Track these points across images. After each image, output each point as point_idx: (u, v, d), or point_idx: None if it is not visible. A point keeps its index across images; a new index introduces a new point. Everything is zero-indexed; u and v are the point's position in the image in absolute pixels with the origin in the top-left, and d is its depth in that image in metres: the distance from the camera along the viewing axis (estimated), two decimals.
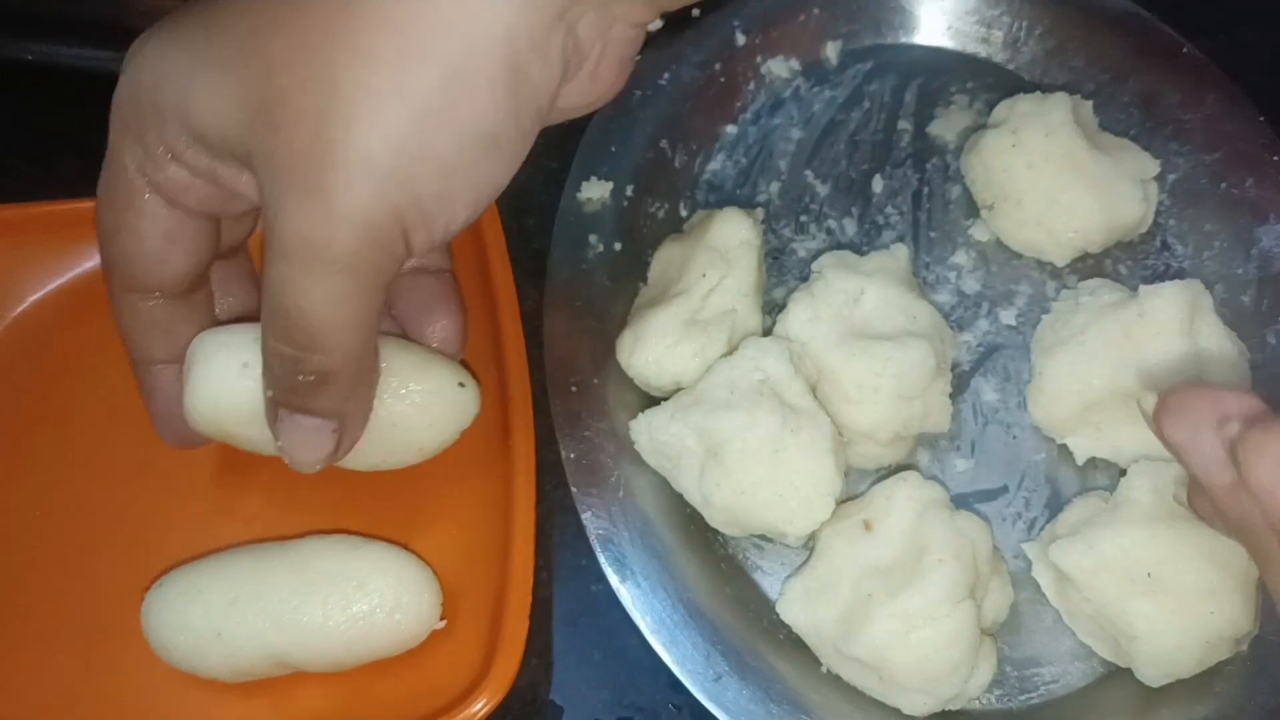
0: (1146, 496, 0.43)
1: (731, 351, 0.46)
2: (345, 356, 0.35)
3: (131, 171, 0.37)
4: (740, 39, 0.56)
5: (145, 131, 0.35)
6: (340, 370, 0.35)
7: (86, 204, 0.52)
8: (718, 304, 0.47)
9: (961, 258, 0.53)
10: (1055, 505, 0.48)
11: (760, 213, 0.53)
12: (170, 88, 0.34)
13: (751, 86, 0.56)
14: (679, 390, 0.46)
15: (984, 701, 0.44)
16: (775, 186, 0.55)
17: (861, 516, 0.44)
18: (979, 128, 0.53)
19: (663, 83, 0.54)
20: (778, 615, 0.44)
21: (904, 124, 0.56)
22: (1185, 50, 0.54)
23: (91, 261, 0.52)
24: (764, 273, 0.51)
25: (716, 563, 0.46)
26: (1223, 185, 0.53)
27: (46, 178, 0.56)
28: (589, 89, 0.36)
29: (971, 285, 0.52)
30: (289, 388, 0.36)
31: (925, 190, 0.55)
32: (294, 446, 0.38)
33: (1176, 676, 0.42)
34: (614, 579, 0.43)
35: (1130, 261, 0.53)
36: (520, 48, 0.32)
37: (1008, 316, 0.52)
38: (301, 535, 0.45)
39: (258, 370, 0.38)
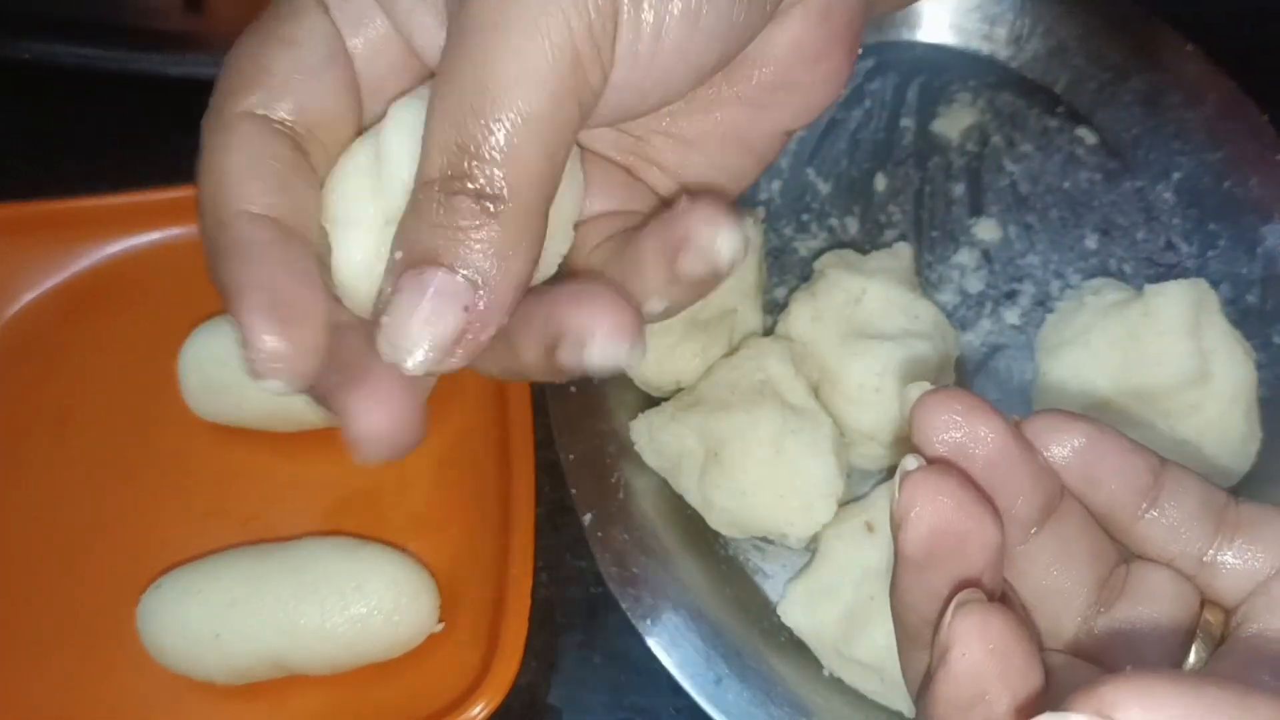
0: None
1: (732, 351, 0.46)
2: (525, 169, 0.25)
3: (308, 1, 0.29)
4: None
5: None
6: (515, 190, 0.25)
7: (86, 203, 0.53)
8: (719, 304, 0.47)
9: (964, 257, 0.52)
10: None
11: (761, 212, 0.53)
12: None
13: None
14: (679, 390, 0.46)
15: None
16: (776, 185, 0.54)
17: (864, 518, 0.44)
18: (981, 125, 0.53)
19: None
20: (779, 617, 0.44)
21: (906, 122, 0.56)
22: (1188, 49, 0.54)
23: (89, 260, 0.52)
24: (765, 272, 0.50)
25: (717, 565, 0.46)
26: (1226, 184, 0.52)
27: (46, 178, 0.56)
28: (814, 29, 0.31)
29: (974, 284, 0.52)
30: (444, 211, 0.25)
31: (927, 189, 0.54)
32: (409, 318, 0.25)
33: None
34: (614, 581, 0.43)
35: (1134, 261, 0.52)
36: None
37: (1011, 316, 0.51)
38: (299, 537, 0.45)
39: None
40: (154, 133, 0.58)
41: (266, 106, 0.28)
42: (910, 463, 0.24)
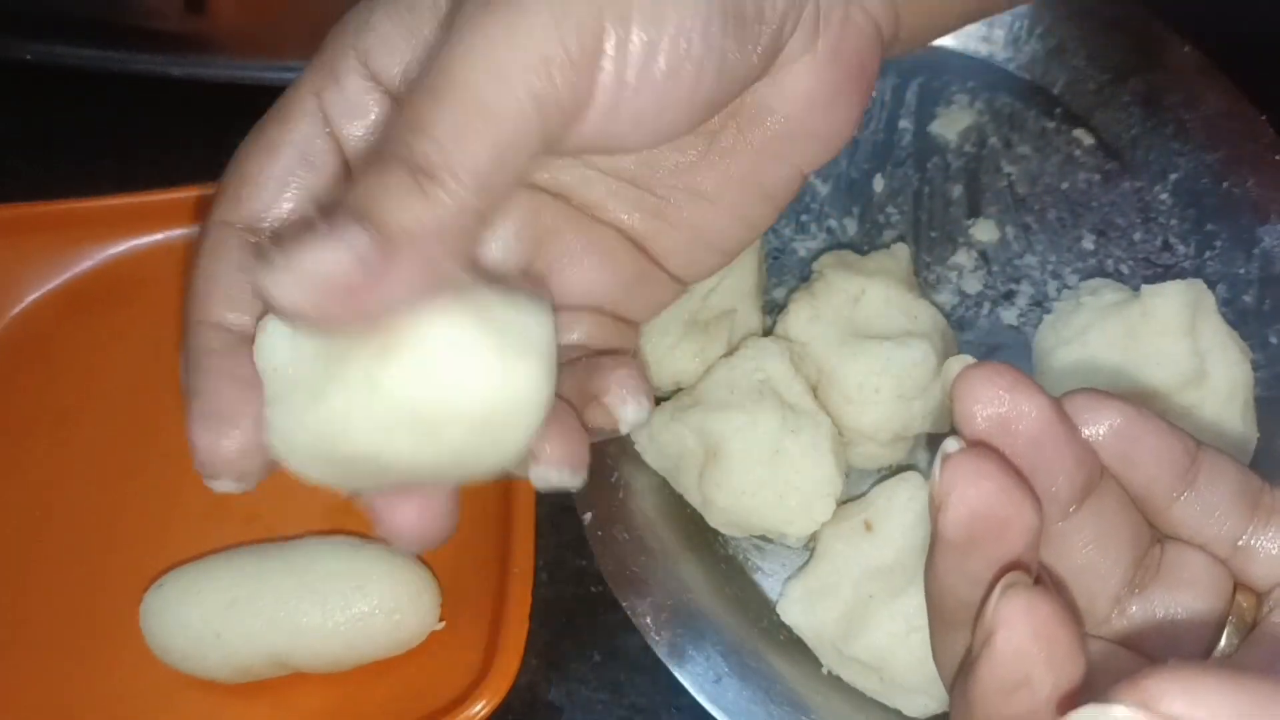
0: None
1: (731, 352, 0.46)
2: (467, 159, 0.25)
3: (302, 92, 0.31)
4: None
5: (340, 54, 0.30)
6: (451, 175, 0.25)
7: (86, 204, 0.53)
8: (718, 304, 0.47)
9: (962, 257, 0.53)
10: None
11: None
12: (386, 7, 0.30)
13: None
14: (679, 391, 0.46)
15: None
16: None
17: (862, 517, 0.44)
18: (979, 126, 0.53)
19: None
20: (778, 616, 0.44)
21: (905, 123, 0.56)
22: (1186, 49, 0.54)
23: (90, 261, 0.52)
24: (764, 272, 0.50)
25: (717, 563, 0.46)
26: (1224, 184, 0.52)
27: (46, 178, 0.56)
28: (824, 75, 0.31)
29: (973, 285, 0.52)
30: (374, 174, 0.26)
31: (926, 190, 0.54)
32: (301, 249, 0.25)
33: None
34: (613, 581, 0.43)
35: (1132, 261, 0.52)
36: None
37: (1009, 316, 0.51)
38: (301, 536, 0.45)
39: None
40: (154, 133, 0.58)
41: (239, 215, 0.30)
42: (951, 445, 0.23)
